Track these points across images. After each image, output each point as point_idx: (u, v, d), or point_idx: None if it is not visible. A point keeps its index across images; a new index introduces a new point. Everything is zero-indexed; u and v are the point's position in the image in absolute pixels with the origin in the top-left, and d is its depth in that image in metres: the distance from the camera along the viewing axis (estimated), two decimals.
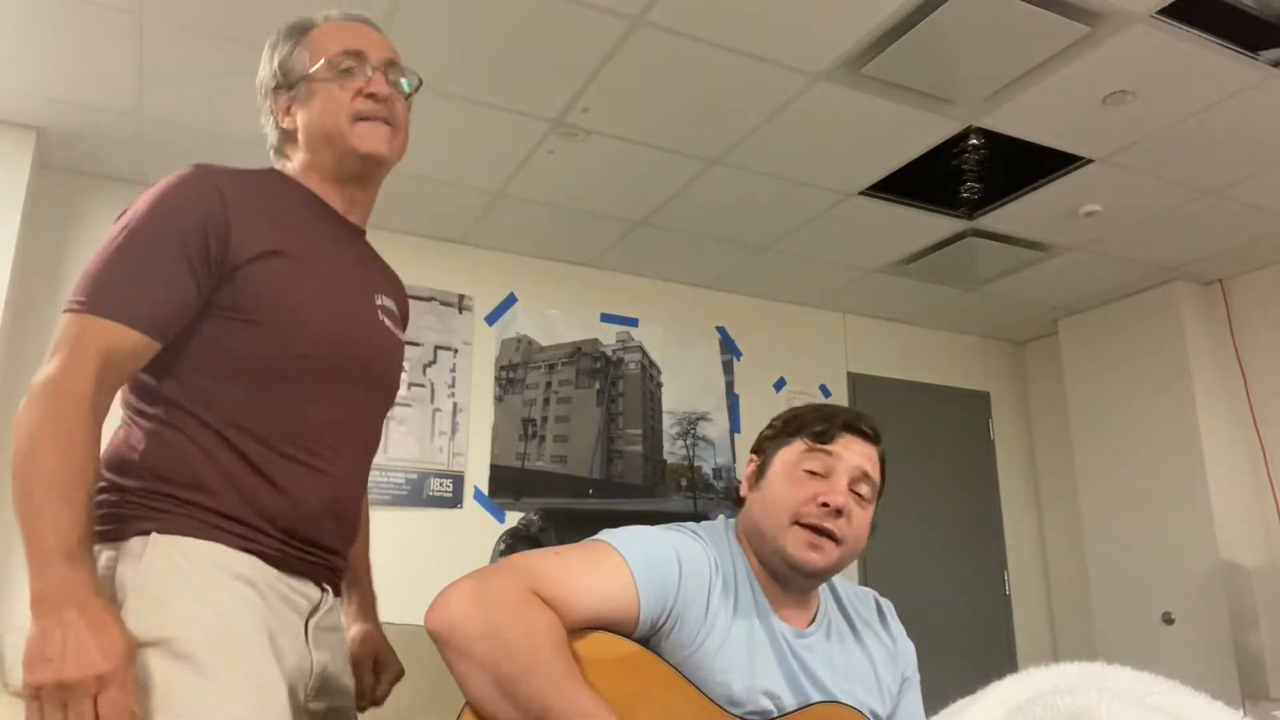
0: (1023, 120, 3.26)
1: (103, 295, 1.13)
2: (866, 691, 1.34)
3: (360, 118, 1.30)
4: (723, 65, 2.95)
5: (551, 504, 4.21)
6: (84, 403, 1.08)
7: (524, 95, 3.13)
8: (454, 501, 4.07)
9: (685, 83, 3.05)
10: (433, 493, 4.03)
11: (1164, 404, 4.60)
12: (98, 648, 0.98)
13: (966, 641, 4.92)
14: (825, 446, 1.32)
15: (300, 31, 1.36)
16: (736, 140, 3.41)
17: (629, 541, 1.23)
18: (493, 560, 1.40)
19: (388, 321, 1.37)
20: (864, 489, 1.33)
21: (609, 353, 4.58)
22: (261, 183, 1.30)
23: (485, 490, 4.14)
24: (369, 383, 1.33)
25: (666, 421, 4.63)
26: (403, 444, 3.99)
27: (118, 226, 1.20)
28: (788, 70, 2.98)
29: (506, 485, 4.19)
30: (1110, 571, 4.74)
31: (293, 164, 1.35)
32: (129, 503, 1.15)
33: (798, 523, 1.29)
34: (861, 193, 3.82)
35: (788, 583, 1.32)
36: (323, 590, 1.26)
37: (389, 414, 1.44)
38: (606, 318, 4.62)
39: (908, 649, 1.46)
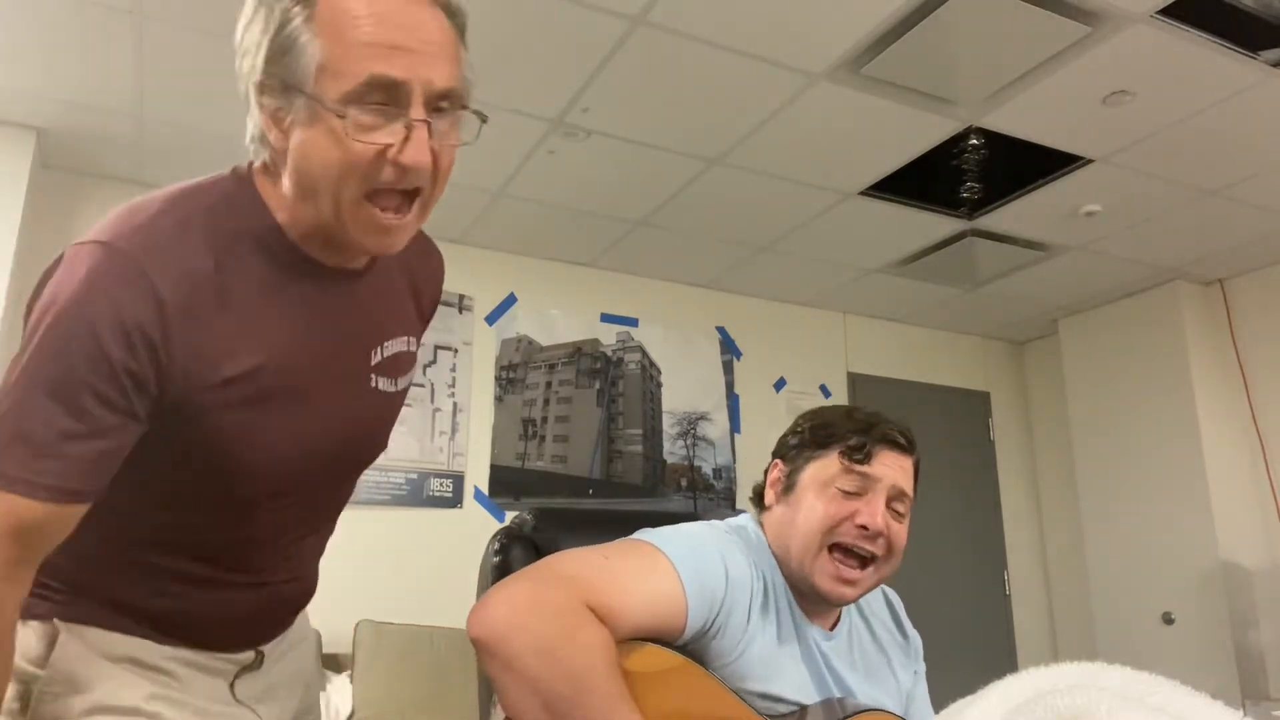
0: (1023, 120, 3.26)
1: (6, 460, 0.85)
2: (885, 692, 1.34)
3: (376, 194, 0.91)
4: (723, 65, 2.95)
5: (547, 504, 4.21)
6: None
7: (524, 95, 3.13)
8: (454, 501, 4.07)
9: (685, 83, 3.05)
10: (433, 493, 4.03)
11: (1164, 404, 4.60)
12: None
13: (966, 641, 4.92)
14: (863, 467, 1.26)
15: None
16: (736, 140, 3.41)
17: (676, 546, 1.19)
18: (485, 561, 1.39)
19: (383, 383, 1.09)
20: (901, 505, 1.29)
21: (609, 353, 4.58)
22: (215, 238, 0.93)
23: (485, 490, 4.14)
24: (338, 482, 1.12)
25: (666, 421, 4.63)
26: (403, 444, 3.99)
27: (20, 363, 0.88)
28: (788, 70, 2.98)
29: (506, 485, 4.19)
30: (1110, 571, 4.74)
31: (280, 182, 0.96)
32: None
33: (833, 544, 1.25)
34: (861, 193, 3.82)
35: (813, 602, 1.30)
36: (257, 653, 1.10)
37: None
38: (606, 318, 4.62)
39: (917, 642, 1.46)
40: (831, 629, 1.33)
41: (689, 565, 1.17)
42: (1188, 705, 0.92)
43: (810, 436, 1.33)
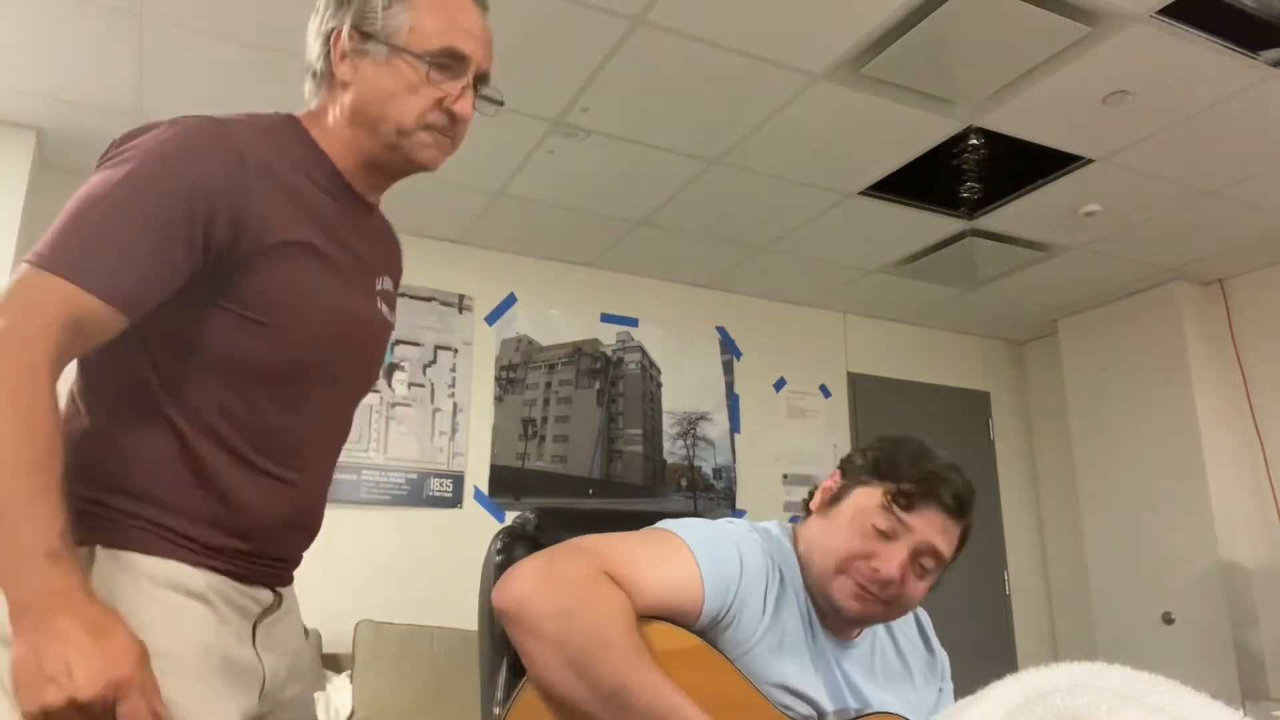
0: (1023, 120, 3.26)
1: (75, 254, 0.95)
2: (905, 705, 1.34)
3: (428, 127, 1.16)
4: (723, 65, 2.95)
5: (548, 504, 4.21)
6: (42, 373, 0.91)
7: (524, 95, 3.13)
8: (454, 501, 4.07)
9: (685, 83, 3.05)
10: (433, 493, 4.03)
11: (1164, 404, 4.60)
12: (104, 656, 0.86)
13: (966, 641, 4.92)
14: (901, 513, 1.25)
15: None
16: (736, 140, 3.41)
17: (695, 535, 1.23)
18: (488, 560, 1.39)
19: (384, 308, 1.27)
20: (929, 562, 1.26)
21: (609, 353, 4.58)
22: (285, 146, 1.14)
23: (485, 490, 4.14)
24: (356, 381, 1.24)
25: (666, 421, 4.63)
26: (403, 444, 3.99)
27: (105, 175, 1.02)
28: (788, 70, 2.98)
29: (506, 485, 4.19)
30: (1110, 571, 4.74)
31: (325, 119, 1.19)
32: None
33: (846, 573, 1.25)
34: (861, 193, 3.82)
35: (829, 615, 1.31)
36: (276, 594, 1.16)
37: (390, 414, 1.36)
38: (606, 318, 4.62)
39: (944, 660, 1.46)
40: (851, 640, 1.34)
41: (707, 552, 1.21)
42: (1188, 705, 0.92)
43: (872, 464, 1.31)
